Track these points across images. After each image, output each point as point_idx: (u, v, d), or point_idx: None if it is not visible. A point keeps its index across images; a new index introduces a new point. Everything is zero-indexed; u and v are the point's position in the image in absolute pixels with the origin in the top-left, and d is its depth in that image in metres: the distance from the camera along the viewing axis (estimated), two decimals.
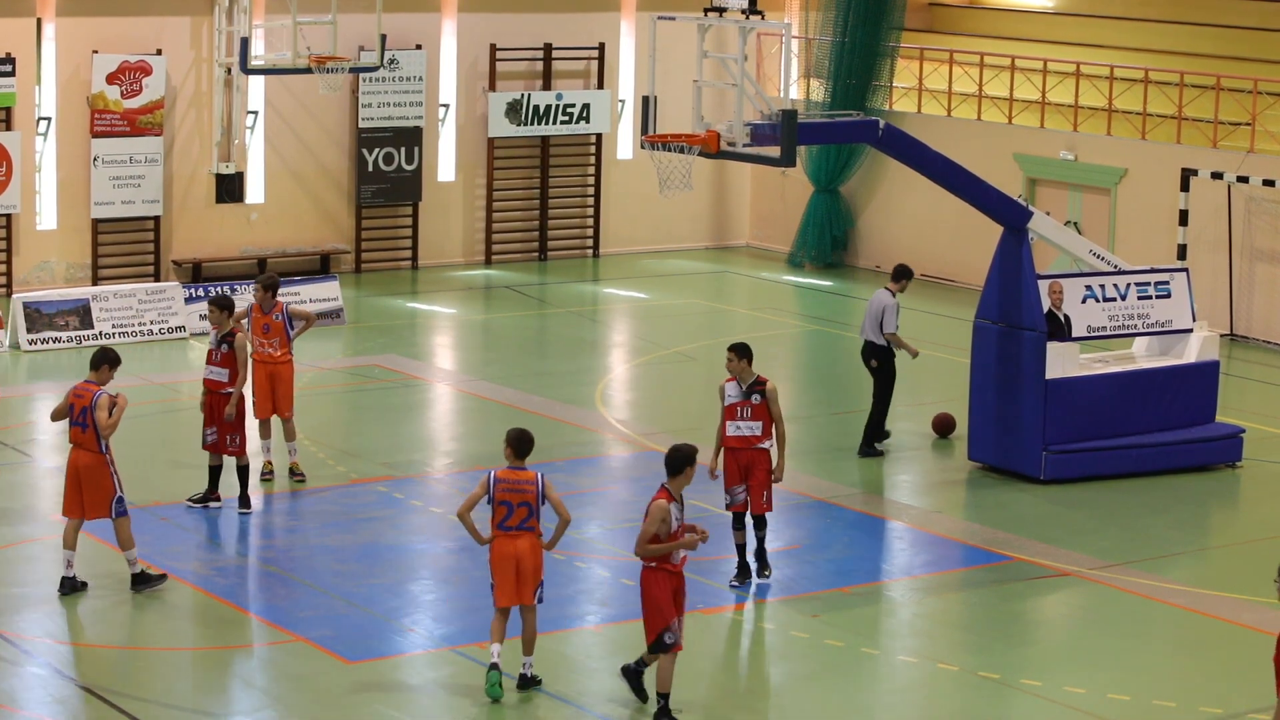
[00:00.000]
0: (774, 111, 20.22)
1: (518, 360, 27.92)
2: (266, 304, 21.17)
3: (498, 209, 35.15)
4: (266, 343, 21.13)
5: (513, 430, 15.75)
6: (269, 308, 21.16)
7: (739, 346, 18.36)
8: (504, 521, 15.52)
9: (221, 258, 32.44)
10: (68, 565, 17.79)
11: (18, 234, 31.10)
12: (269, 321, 21.15)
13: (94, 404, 17.43)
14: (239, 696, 15.79)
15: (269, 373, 21.11)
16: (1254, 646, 17.31)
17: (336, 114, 33.41)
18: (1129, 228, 31.23)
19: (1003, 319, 22.08)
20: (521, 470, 15.56)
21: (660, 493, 15.21)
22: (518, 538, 15.54)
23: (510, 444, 15.62)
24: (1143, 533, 20.52)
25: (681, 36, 29.66)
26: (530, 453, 15.66)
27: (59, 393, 25.37)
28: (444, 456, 22.99)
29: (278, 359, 21.14)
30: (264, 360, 21.12)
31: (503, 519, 15.52)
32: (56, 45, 31.15)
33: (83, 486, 17.59)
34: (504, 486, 15.50)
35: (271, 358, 21.12)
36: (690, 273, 35.02)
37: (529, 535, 15.56)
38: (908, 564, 19.58)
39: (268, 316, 21.15)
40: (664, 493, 15.19)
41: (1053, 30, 35.53)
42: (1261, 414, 25.28)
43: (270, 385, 21.12)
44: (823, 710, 15.76)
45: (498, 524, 15.55)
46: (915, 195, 33.31)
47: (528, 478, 15.52)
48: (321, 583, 18.28)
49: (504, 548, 15.56)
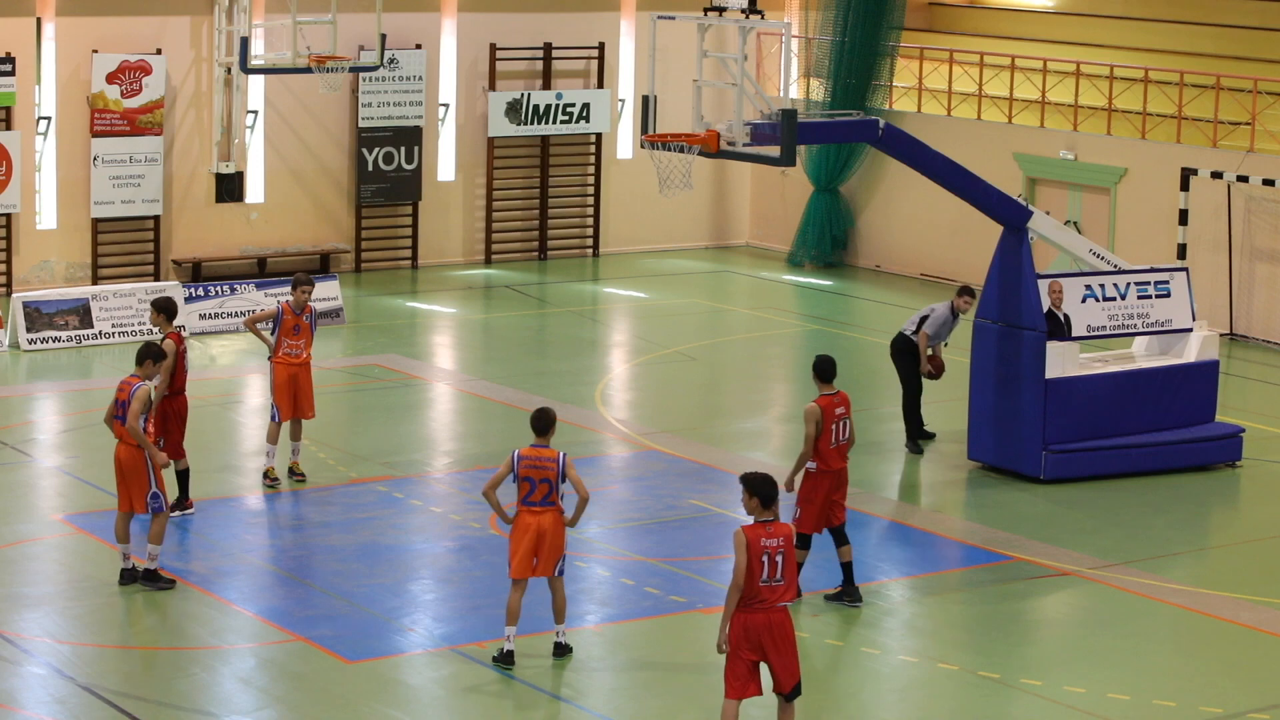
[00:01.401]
0: (774, 111, 20.21)
1: (518, 360, 27.92)
2: (299, 304, 21.06)
3: (498, 208, 35.15)
4: (294, 344, 21.04)
5: (535, 410, 16.20)
6: (300, 308, 21.07)
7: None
8: (527, 497, 15.94)
9: (221, 257, 32.44)
10: (124, 558, 17.98)
11: (18, 233, 31.10)
12: (299, 323, 21.05)
13: (131, 397, 17.57)
14: (239, 696, 15.79)
15: (291, 374, 20.98)
16: (1254, 646, 17.33)
17: (336, 113, 33.42)
18: (1129, 227, 31.24)
19: (1003, 318, 22.08)
20: (544, 448, 15.98)
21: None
22: (541, 513, 15.95)
23: (531, 421, 16.08)
24: (1143, 532, 20.52)
25: (681, 36, 29.70)
26: (550, 430, 16.05)
27: (59, 392, 25.44)
28: (444, 456, 22.99)
29: (303, 360, 21.07)
30: (289, 362, 20.98)
31: (526, 495, 15.94)
32: (56, 45, 31.16)
33: (125, 479, 17.73)
34: (527, 463, 15.91)
35: (297, 360, 21.03)
36: (690, 272, 35.02)
37: (552, 511, 15.96)
38: (908, 564, 19.57)
39: (299, 318, 21.06)
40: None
41: (1053, 30, 35.53)
42: (1261, 414, 25.28)
43: (293, 387, 21.01)
44: (822, 710, 15.76)
45: (521, 500, 15.95)
46: (915, 195, 33.31)
47: (549, 455, 15.92)
48: (321, 583, 18.28)
49: (526, 522, 15.98)
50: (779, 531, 13.59)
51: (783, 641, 13.71)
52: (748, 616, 13.60)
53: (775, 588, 13.58)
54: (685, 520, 20.22)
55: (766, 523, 13.62)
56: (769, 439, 24.21)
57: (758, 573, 13.48)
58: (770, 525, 13.61)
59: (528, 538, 15.94)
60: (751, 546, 13.47)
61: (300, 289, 21.10)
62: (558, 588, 16.22)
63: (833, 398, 17.63)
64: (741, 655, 13.67)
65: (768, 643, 13.65)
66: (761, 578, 13.50)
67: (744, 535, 13.50)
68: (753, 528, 13.57)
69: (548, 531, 15.95)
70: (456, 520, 20.27)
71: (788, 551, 13.62)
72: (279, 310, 21.06)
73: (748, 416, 25.14)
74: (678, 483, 21.65)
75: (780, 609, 13.67)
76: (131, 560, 18.01)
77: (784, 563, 13.60)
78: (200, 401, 24.58)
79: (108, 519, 19.66)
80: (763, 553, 13.48)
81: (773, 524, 13.63)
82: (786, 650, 13.73)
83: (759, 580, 13.50)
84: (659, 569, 18.68)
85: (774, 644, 13.68)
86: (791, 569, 13.68)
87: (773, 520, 13.64)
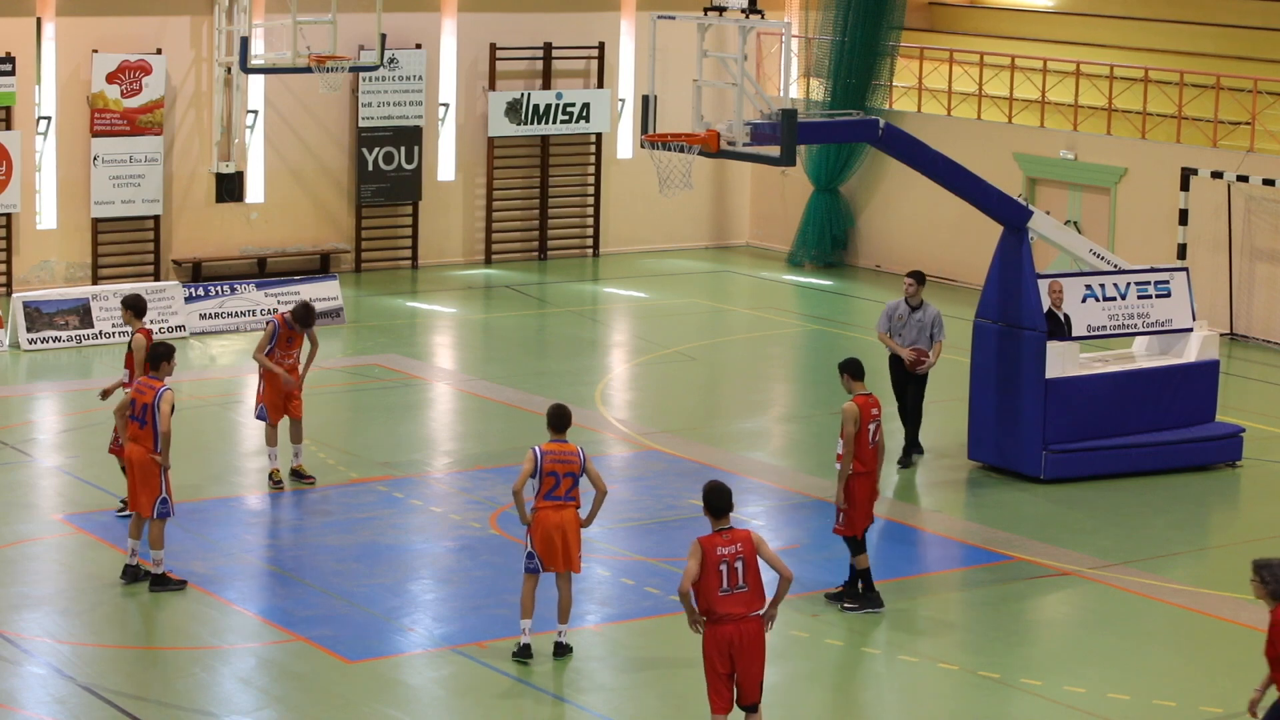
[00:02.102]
0: (774, 111, 20.21)
1: (518, 360, 27.92)
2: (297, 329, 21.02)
3: (498, 208, 35.15)
4: (289, 353, 21.03)
5: (551, 406, 16.51)
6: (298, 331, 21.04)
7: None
8: (551, 492, 16.12)
9: (221, 257, 32.44)
10: (131, 553, 18.01)
11: (18, 233, 31.10)
12: (293, 335, 21.04)
13: (157, 402, 17.57)
14: (239, 696, 15.79)
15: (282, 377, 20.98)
16: (1254, 646, 17.27)
17: (336, 113, 33.41)
18: (1129, 227, 31.23)
19: (1003, 318, 22.09)
20: (565, 443, 16.28)
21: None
22: (563, 508, 16.17)
23: (549, 419, 16.36)
24: (1143, 532, 20.53)
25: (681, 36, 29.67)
26: (568, 426, 16.35)
27: (59, 392, 25.43)
28: (444, 456, 22.99)
29: (293, 364, 21.06)
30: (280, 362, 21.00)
31: (550, 489, 16.11)
32: (56, 44, 31.16)
33: (136, 482, 17.74)
34: (551, 458, 16.13)
35: (287, 362, 21.01)
36: (690, 272, 35.02)
37: (572, 506, 16.22)
38: (908, 564, 19.58)
39: (292, 331, 21.02)
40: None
41: (1053, 30, 35.53)
42: (1261, 413, 25.28)
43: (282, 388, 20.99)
44: (823, 710, 15.76)
45: (545, 495, 16.11)
46: (915, 195, 33.31)
47: (571, 450, 16.23)
48: (321, 583, 18.28)
49: (550, 518, 16.14)
50: (736, 538, 13.62)
51: (752, 652, 13.69)
52: (717, 629, 13.61)
53: (739, 595, 13.57)
54: (685, 520, 20.21)
55: (722, 531, 13.66)
56: (769, 439, 24.22)
57: (715, 583, 13.50)
58: (726, 534, 13.64)
59: (556, 534, 16.10)
60: (707, 555, 13.52)
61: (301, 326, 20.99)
62: (567, 586, 16.35)
63: (868, 397, 17.65)
64: (716, 669, 13.69)
65: (737, 653, 13.65)
66: (721, 587, 13.51)
67: (698, 544, 13.60)
68: (709, 537, 13.63)
69: (570, 526, 16.19)
70: (456, 520, 20.27)
71: (748, 558, 13.60)
72: (275, 325, 20.99)
73: (748, 416, 25.14)
74: (678, 483, 21.66)
75: (752, 619, 13.65)
76: (136, 559, 18.01)
77: (744, 569, 13.58)
78: (200, 402, 24.60)
79: (108, 519, 19.72)
80: (719, 562, 13.51)
81: (729, 531, 13.67)
82: (754, 661, 13.72)
83: (718, 590, 13.52)
84: (659, 569, 18.68)
85: (743, 654, 13.66)
86: (754, 575, 13.63)
87: (728, 529, 13.68)
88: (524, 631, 16.31)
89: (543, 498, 16.14)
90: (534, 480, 16.14)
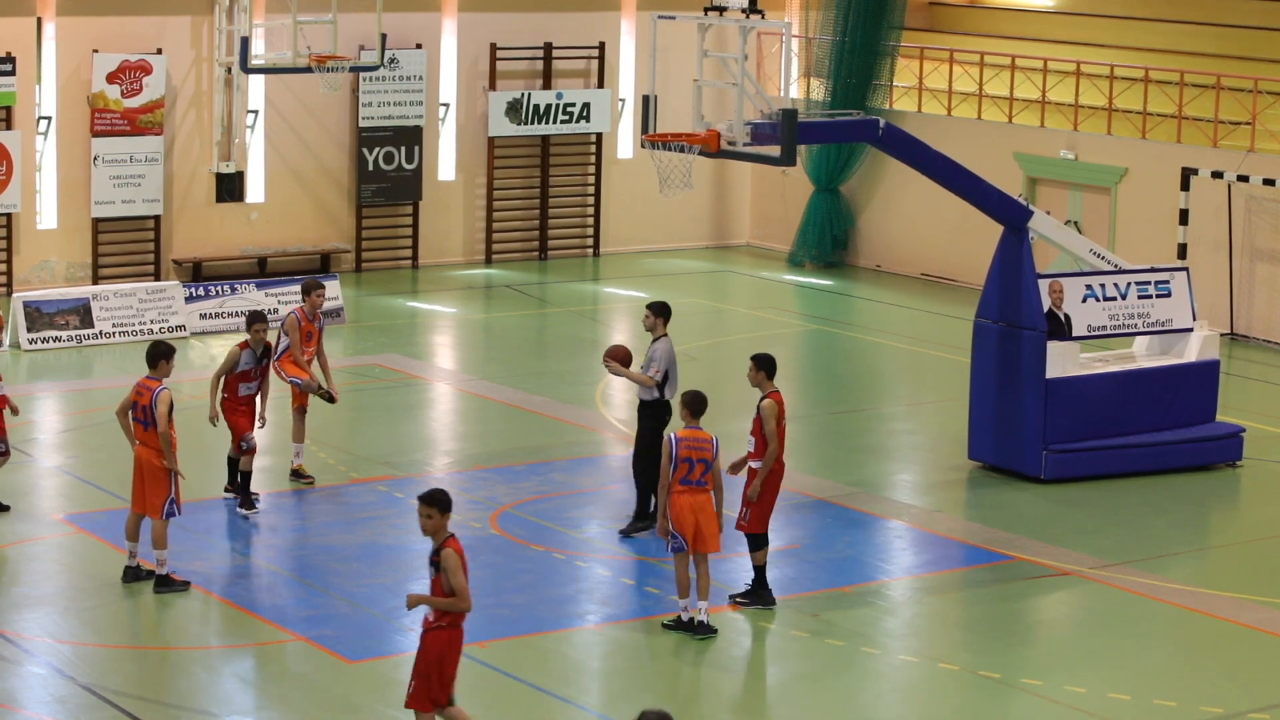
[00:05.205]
0: (774, 111, 20.21)
1: (518, 360, 27.92)
2: (314, 309, 20.93)
3: (498, 208, 35.16)
4: (308, 350, 21.01)
5: (687, 392, 17.06)
6: (314, 314, 20.98)
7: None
8: (686, 477, 16.74)
9: (222, 257, 32.44)
10: (130, 555, 17.98)
11: (18, 233, 31.11)
12: (313, 329, 21.03)
13: (154, 402, 17.57)
14: (239, 696, 15.79)
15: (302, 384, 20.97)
16: (1255, 646, 17.33)
17: (337, 113, 33.42)
18: (1129, 227, 31.23)
19: (1003, 318, 22.08)
20: (699, 429, 16.87)
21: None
22: (699, 492, 16.77)
23: (686, 405, 16.95)
24: (1143, 532, 20.52)
25: (681, 36, 29.70)
26: (703, 412, 16.95)
27: (59, 392, 25.44)
28: (444, 456, 22.98)
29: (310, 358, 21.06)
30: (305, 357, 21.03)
31: (685, 475, 16.73)
32: (56, 44, 31.16)
33: (144, 482, 17.72)
34: (686, 445, 16.76)
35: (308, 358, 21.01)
36: (690, 272, 35.02)
37: (706, 491, 16.79)
38: (908, 564, 19.57)
39: (312, 324, 21.02)
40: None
41: (1053, 30, 35.53)
42: (1261, 413, 25.27)
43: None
44: (823, 710, 15.76)
45: (680, 479, 16.73)
46: (915, 195, 33.30)
47: (705, 437, 16.84)
48: (321, 583, 18.28)
49: (687, 501, 16.74)
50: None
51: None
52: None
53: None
54: None
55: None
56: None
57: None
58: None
59: (692, 517, 16.68)
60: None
61: (315, 294, 21.01)
62: (706, 567, 16.86)
63: (779, 394, 17.82)
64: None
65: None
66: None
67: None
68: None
69: (706, 508, 16.74)
70: (457, 520, 20.22)
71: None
72: (295, 319, 20.92)
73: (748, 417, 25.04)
74: None
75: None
76: (137, 560, 18.01)
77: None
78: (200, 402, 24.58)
79: (108, 519, 19.69)
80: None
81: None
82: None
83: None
84: (659, 569, 18.67)
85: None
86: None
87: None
88: (683, 610, 16.88)
89: (678, 483, 16.71)
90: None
